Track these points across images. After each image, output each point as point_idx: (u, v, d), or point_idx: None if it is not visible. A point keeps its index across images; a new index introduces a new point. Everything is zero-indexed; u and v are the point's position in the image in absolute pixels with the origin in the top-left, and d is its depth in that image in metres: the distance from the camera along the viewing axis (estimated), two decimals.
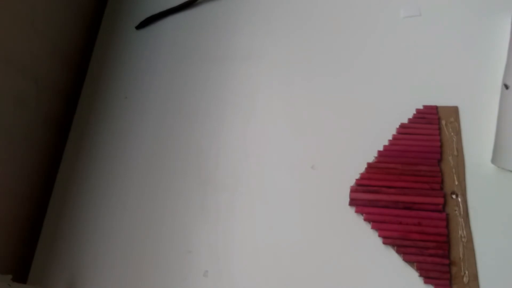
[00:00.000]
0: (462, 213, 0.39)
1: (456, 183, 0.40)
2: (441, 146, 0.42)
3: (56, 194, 0.50)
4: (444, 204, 0.40)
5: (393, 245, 0.39)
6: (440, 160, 0.41)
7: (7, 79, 0.45)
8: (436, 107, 0.44)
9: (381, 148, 0.43)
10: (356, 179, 0.42)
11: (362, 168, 0.42)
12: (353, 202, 0.41)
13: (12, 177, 0.47)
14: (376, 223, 0.40)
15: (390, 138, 0.43)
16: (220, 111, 0.49)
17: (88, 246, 0.46)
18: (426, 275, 0.37)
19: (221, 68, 0.51)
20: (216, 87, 0.51)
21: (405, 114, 0.44)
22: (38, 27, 0.49)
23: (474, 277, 0.37)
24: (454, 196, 0.40)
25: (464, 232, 0.38)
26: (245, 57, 0.51)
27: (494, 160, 0.40)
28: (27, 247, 0.48)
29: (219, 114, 0.49)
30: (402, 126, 0.44)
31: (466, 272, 0.37)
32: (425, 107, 0.44)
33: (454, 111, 0.43)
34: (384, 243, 0.39)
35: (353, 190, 0.42)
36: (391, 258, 0.39)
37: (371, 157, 0.43)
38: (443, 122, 0.43)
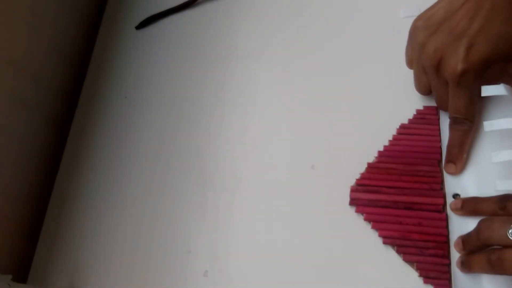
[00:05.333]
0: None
1: None
2: (441, 147, 0.42)
3: (56, 194, 0.50)
4: (444, 205, 0.40)
5: (393, 245, 0.39)
6: (440, 161, 0.41)
7: (7, 79, 0.45)
8: (436, 108, 0.43)
9: (381, 148, 0.43)
10: (357, 179, 0.42)
11: (362, 168, 0.42)
12: (353, 202, 0.41)
13: (12, 177, 0.47)
14: (376, 223, 0.40)
15: (390, 138, 0.43)
16: (220, 111, 0.49)
17: (88, 246, 0.46)
18: (426, 275, 0.37)
19: (221, 68, 0.51)
20: (216, 87, 0.51)
21: (405, 115, 0.44)
22: (38, 27, 0.49)
23: None
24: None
25: None
26: (245, 57, 0.51)
27: None
28: (27, 247, 0.48)
29: (219, 114, 0.49)
30: (402, 126, 0.44)
31: None
32: (425, 107, 0.44)
33: None
34: (384, 243, 0.39)
35: (353, 190, 0.42)
36: (391, 258, 0.39)
37: (371, 157, 0.43)
38: None
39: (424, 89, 0.42)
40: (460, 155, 0.40)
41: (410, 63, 0.43)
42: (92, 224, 0.47)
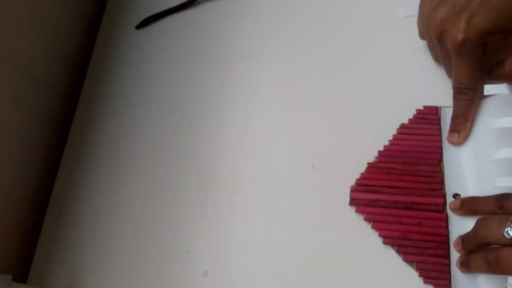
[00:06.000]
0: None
1: None
2: (441, 147, 0.42)
3: (56, 194, 0.50)
4: (444, 204, 0.40)
5: (393, 245, 0.39)
6: (440, 160, 0.41)
7: (7, 79, 0.45)
8: (436, 108, 0.43)
9: (381, 148, 0.43)
10: (357, 179, 0.42)
11: (362, 168, 0.42)
12: (353, 202, 0.41)
13: (12, 177, 0.47)
14: (376, 223, 0.40)
15: (391, 138, 0.43)
16: (220, 111, 0.49)
17: (88, 246, 0.46)
18: (426, 275, 0.37)
19: (221, 68, 0.51)
20: (215, 87, 0.51)
21: (405, 115, 0.44)
22: (38, 27, 0.49)
23: None
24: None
25: None
26: (245, 57, 0.51)
27: None
28: (27, 247, 0.48)
29: (218, 114, 0.49)
30: (402, 126, 0.44)
31: None
32: (425, 107, 0.44)
33: None
34: (384, 243, 0.39)
35: (353, 190, 0.42)
36: (391, 258, 0.39)
37: (371, 157, 0.43)
38: None
39: (437, 58, 0.43)
40: (464, 124, 0.40)
41: (422, 35, 0.44)
42: (92, 224, 0.47)
